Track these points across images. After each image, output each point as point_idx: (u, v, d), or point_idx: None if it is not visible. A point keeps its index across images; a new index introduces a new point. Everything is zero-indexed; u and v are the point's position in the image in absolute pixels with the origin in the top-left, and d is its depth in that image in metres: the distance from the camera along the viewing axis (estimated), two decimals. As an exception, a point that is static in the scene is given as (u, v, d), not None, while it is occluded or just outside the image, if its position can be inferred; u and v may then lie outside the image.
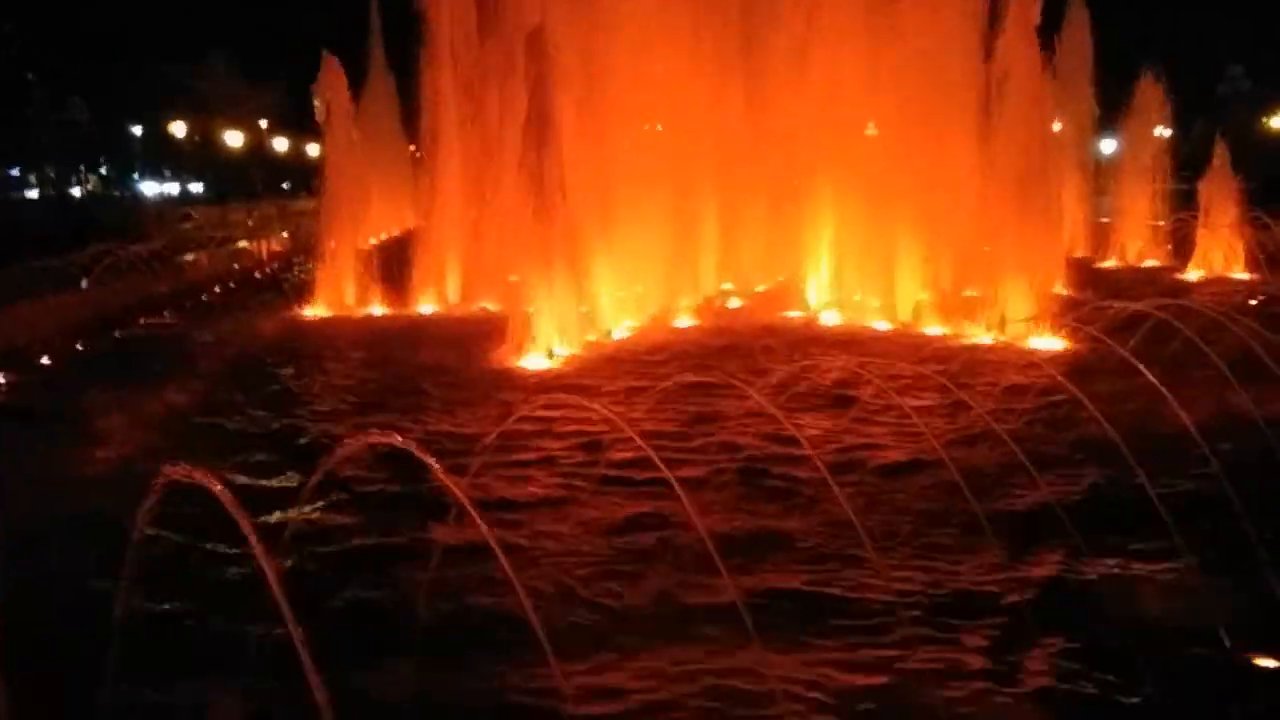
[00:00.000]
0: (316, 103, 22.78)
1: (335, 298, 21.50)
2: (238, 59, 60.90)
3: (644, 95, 21.87)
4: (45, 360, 15.30)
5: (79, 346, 16.54)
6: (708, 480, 8.65)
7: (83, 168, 62.41)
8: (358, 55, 33.17)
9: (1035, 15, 20.91)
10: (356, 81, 24.60)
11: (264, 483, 8.95)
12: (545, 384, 13.40)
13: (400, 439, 6.16)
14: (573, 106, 21.41)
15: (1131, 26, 39.62)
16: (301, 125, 52.69)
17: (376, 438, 6.42)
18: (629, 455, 8.46)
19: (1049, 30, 24.07)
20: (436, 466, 5.30)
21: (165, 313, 20.79)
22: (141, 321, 19.54)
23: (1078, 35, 28.99)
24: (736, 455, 9.16)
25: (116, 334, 18.15)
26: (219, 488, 4.43)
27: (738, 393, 9.53)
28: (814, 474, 7.92)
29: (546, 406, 9.94)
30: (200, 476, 4.61)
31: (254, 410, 11.88)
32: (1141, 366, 9.27)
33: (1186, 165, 28.42)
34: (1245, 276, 23.47)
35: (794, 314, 19.51)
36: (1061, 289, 20.19)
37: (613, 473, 8.64)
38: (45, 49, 56.63)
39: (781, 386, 10.11)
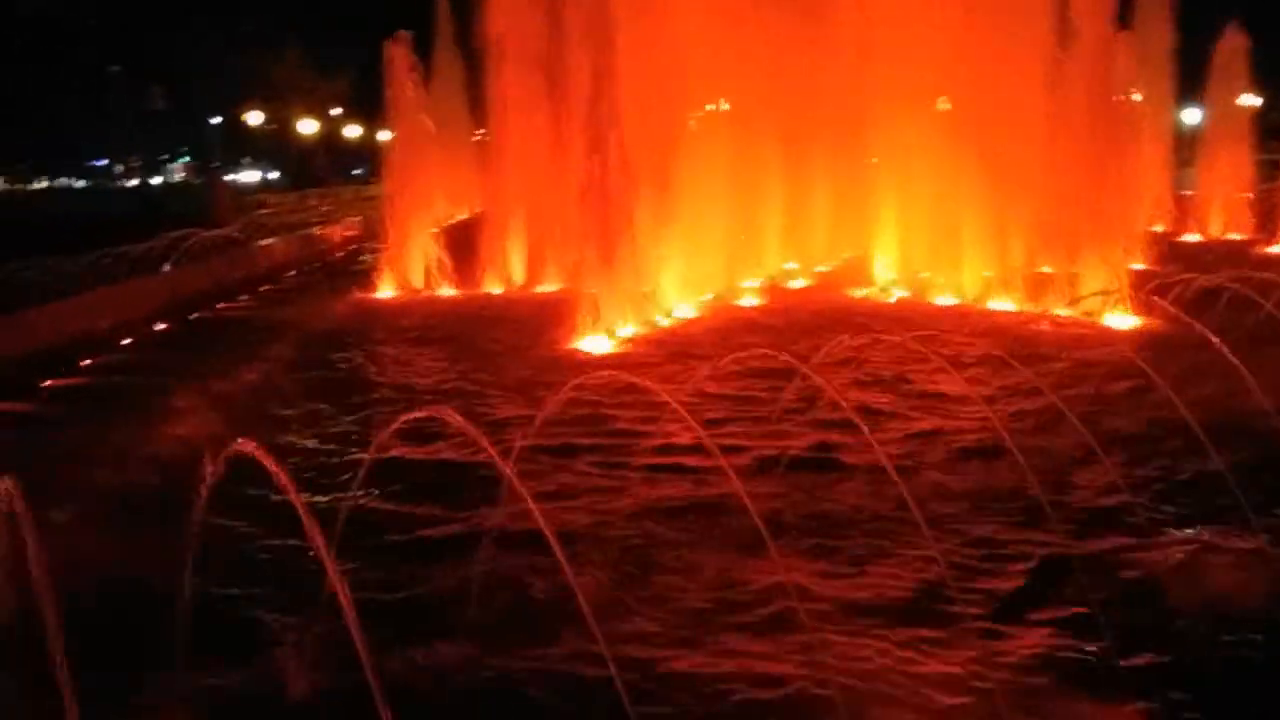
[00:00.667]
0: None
1: (403, 280, 21.88)
2: (310, 47, 62.01)
3: (709, 72, 21.74)
4: (127, 341, 15.86)
5: (158, 329, 17.11)
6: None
7: (167, 157, 64.47)
8: (425, 40, 33.48)
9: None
10: (424, 66, 24.86)
11: (326, 453, 9.21)
12: (604, 365, 13.43)
13: (456, 416, 6.24)
14: (637, 85, 21.41)
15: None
16: (373, 112, 53.51)
17: (432, 413, 6.48)
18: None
19: (1127, -5, 23.33)
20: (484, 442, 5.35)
21: (240, 296, 21.37)
22: (218, 305, 20.13)
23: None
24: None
25: (194, 317, 18.73)
26: (277, 466, 4.56)
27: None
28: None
29: (602, 386, 9.95)
30: (264, 453, 4.76)
31: (322, 386, 12.26)
32: (1218, 342, 8.94)
33: (1275, 134, 27.26)
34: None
35: (860, 292, 19.27)
36: (1139, 263, 19.57)
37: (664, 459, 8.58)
38: (125, 41, 58.41)
39: (844, 369, 10.00)
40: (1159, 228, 26.11)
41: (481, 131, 31.21)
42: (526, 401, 11.23)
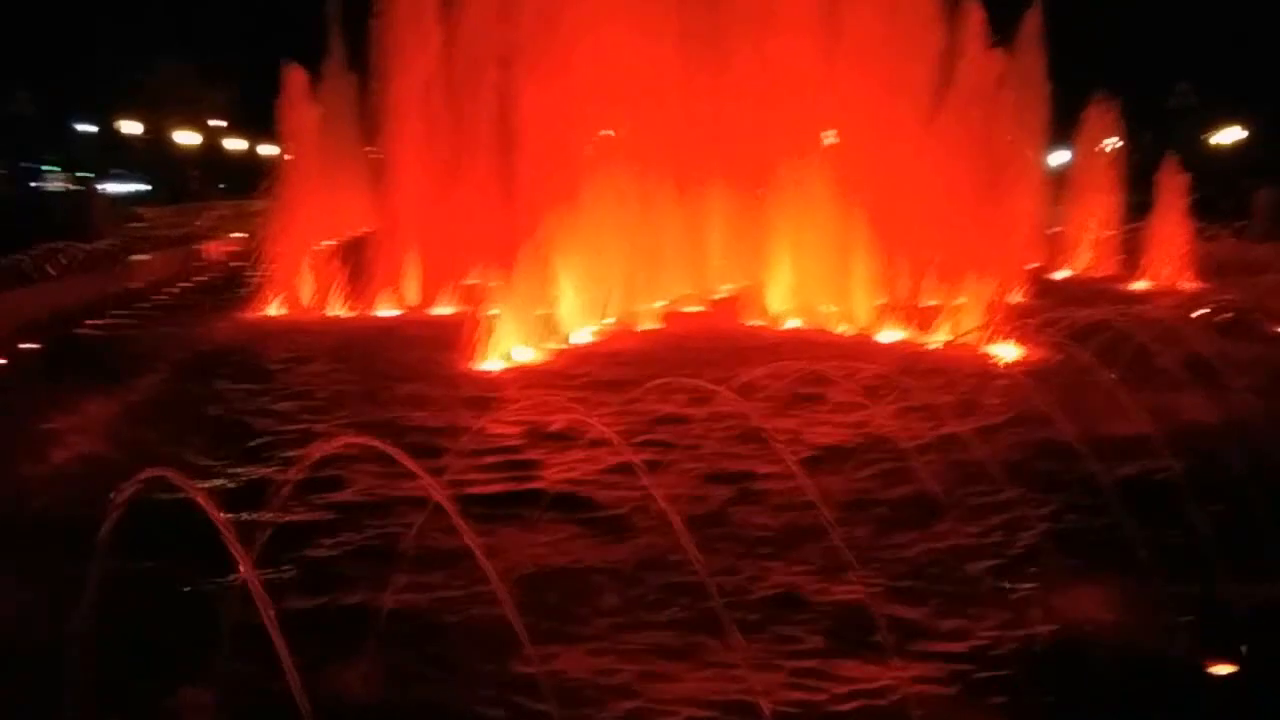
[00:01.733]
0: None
1: (291, 299, 21.26)
2: (192, 57, 59.88)
3: (605, 98, 22.01)
4: (-7, 358, 14.98)
5: (28, 345, 16.20)
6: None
7: (36, 164, 61.04)
8: (316, 53, 32.87)
9: (987, 27, 21.51)
10: (314, 78, 24.37)
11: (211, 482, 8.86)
12: (501, 388, 13.34)
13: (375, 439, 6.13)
14: (536, 107, 21.52)
15: (1084, 40, 40.56)
16: (256, 125, 52.07)
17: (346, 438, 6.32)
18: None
19: (1003, 42, 24.74)
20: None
21: (117, 312, 20.41)
22: (91, 322, 19.18)
23: (1031, 48, 29.62)
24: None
25: (67, 333, 17.82)
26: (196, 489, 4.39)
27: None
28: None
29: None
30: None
31: (201, 411, 11.78)
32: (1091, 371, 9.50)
33: (1136, 177, 29.08)
34: (1192, 287, 24.04)
35: (755, 320, 19.63)
36: (1017, 297, 20.56)
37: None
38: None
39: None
40: (1033, 264, 27.47)
41: (372, 148, 30.74)
42: (424, 429, 11.06)
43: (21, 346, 16.03)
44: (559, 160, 20.73)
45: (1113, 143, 29.62)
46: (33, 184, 56.20)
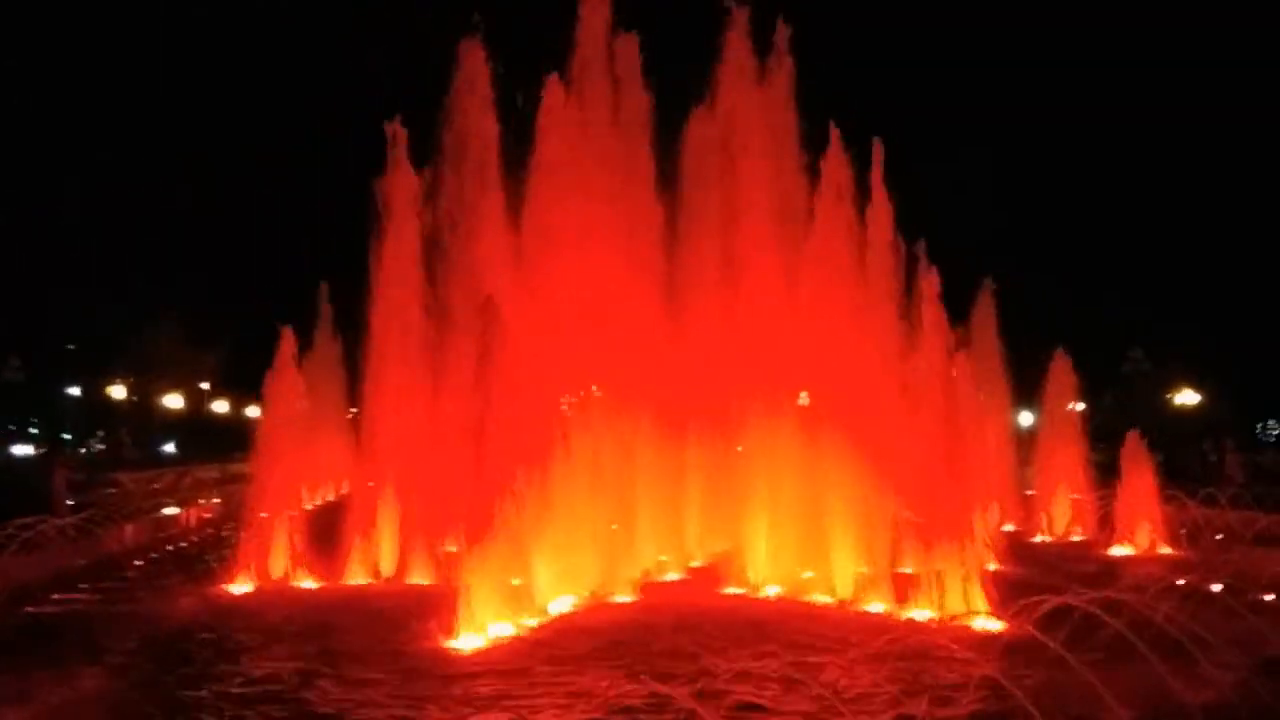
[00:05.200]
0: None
1: (262, 569, 20.77)
2: (182, 321, 61.79)
3: (582, 358, 22.78)
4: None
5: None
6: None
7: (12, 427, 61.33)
8: (304, 317, 34.19)
9: (939, 299, 22.76)
10: (301, 341, 25.00)
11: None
12: (474, 673, 12.84)
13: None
14: (513, 371, 22.16)
15: (1039, 306, 43.16)
16: (243, 386, 53.23)
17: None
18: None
19: (962, 310, 26.14)
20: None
21: (81, 587, 19.87)
22: (55, 598, 18.64)
23: (986, 315, 31.32)
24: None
25: (26, 610, 17.29)
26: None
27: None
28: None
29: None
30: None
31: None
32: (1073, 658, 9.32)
33: (1099, 438, 29.85)
34: (1170, 553, 24.03)
35: (734, 590, 19.28)
36: (995, 564, 20.41)
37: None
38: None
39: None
40: (1009, 527, 27.55)
41: (354, 410, 31.22)
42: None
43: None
44: (533, 424, 21.09)
45: (1074, 406, 30.59)
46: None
